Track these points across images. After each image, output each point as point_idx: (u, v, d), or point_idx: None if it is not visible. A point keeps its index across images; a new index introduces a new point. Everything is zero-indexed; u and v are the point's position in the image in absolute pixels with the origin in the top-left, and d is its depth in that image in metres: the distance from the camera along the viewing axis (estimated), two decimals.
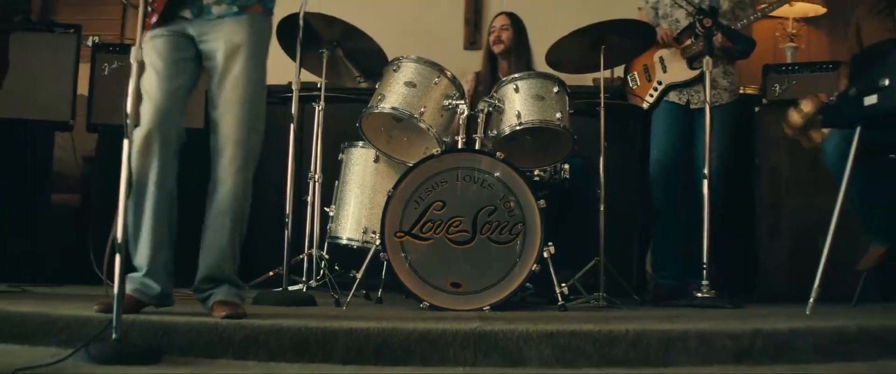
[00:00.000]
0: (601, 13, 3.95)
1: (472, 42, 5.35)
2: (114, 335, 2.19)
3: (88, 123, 4.47)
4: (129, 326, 2.30)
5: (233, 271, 2.77)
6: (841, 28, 4.96)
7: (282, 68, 3.89)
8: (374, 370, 2.18)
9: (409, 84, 3.37)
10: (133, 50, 2.33)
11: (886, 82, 2.67)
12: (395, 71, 3.44)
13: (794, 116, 3.60)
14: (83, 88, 4.56)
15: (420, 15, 5.36)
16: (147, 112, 2.70)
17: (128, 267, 2.72)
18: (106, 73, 4.43)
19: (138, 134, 2.68)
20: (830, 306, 3.25)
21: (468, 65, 4.88)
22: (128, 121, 2.30)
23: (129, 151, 2.29)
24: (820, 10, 5.13)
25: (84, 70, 4.57)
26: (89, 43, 4.69)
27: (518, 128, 3.34)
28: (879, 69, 2.72)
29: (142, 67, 2.36)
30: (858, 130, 2.96)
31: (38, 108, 4.26)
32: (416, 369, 2.20)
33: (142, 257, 2.75)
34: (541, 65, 4.03)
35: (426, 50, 4.68)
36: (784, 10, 4.68)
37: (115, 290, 2.22)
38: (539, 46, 4.06)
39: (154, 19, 2.74)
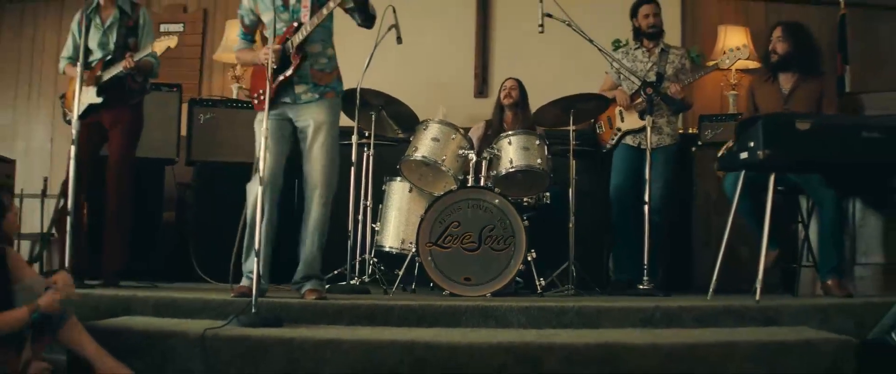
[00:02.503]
0: (577, 77, 5.32)
1: (480, 92, 6.60)
2: (253, 310, 3.51)
3: (188, 160, 5.81)
4: (259, 305, 3.60)
5: (319, 269, 4.16)
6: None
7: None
8: (418, 329, 3.52)
9: (434, 139, 4.75)
10: (263, 129, 3.68)
11: (751, 144, 3.99)
12: (424, 129, 4.82)
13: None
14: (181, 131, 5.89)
15: (438, 70, 6.55)
16: (263, 170, 4.07)
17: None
18: (201, 121, 5.74)
19: (257, 184, 4.06)
20: (733, 295, 4.55)
21: (477, 110, 6.19)
22: (259, 174, 3.66)
23: (262, 191, 3.63)
24: (756, 64, 6.39)
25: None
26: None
27: (511, 170, 4.70)
28: (749, 134, 4.04)
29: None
30: (742, 173, 4.28)
31: (152, 148, 5.49)
32: (443, 328, 3.56)
33: (252, 262, 4.10)
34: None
35: (442, 97, 6.06)
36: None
37: (255, 282, 3.53)
38: (531, 105, 5.42)
39: (266, 105, 4.12)
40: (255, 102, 4.21)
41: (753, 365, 3.12)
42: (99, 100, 4.62)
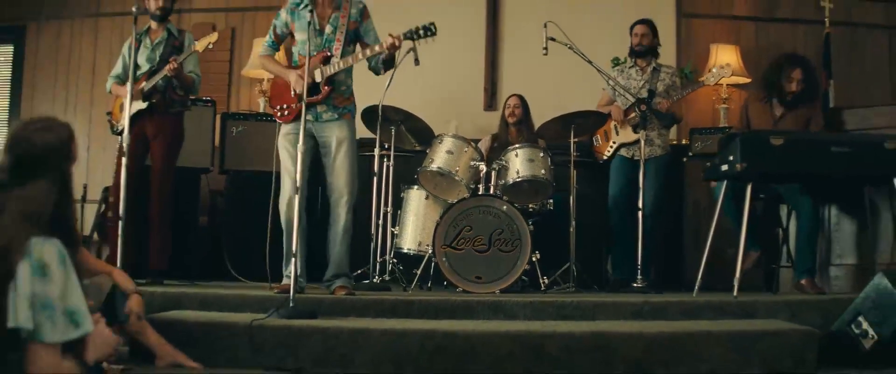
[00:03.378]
0: (578, 91, 5.82)
1: (489, 105, 7.09)
2: (291, 304, 4.00)
3: (221, 169, 6.33)
4: (296, 299, 4.09)
5: (348, 268, 4.67)
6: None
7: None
8: (436, 321, 4.00)
9: (449, 152, 5.25)
10: (300, 145, 4.18)
11: (731, 158, 4.49)
12: (439, 143, 5.31)
13: None
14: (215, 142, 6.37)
15: (451, 85, 7.03)
16: (289, 184, 4.61)
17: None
18: (233, 133, 6.26)
19: (286, 197, 4.61)
20: (716, 292, 5.03)
21: (486, 122, 6.68)
22: (297, 184, 4.16)
23: (300, 202, 4.14)
24: (746, 79, 6.89)
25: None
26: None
27: (518, 180, 5.19)
28: (729, 148, 4.54)
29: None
30: (725, 183, 4.79)
31: (189, 158, 5.88)
32: (458, 320, 4.05)
33: (290, 264, 4.62)
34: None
35: (454, 110, 6.53)
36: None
37: (293, 279, 4.02)
38: (536, 117, 5.93)
39: (289, 121, 4.64)
40: (278, 114, 4.73)
41: (727, 351, 3.58)
42: (144, 105, 5.12)
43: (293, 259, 4.06)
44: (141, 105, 5.13)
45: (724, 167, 4.56)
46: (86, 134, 7.85)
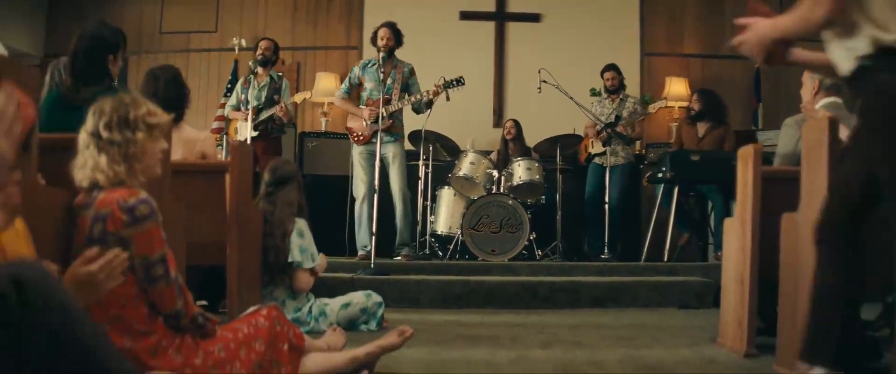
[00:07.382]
0: (564, 116, 7.98)
1: (496, 123, 9.15)
2: (371, 265, 6.16)
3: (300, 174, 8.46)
4: (377, 263, 6.25)
5: (408, 239, 6.85)
6: None
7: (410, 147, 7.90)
8: (468, 276, 6.13)
9: (472, 163, 7.41)
10: (376, 160, 6.39)
11: (664, 168, 6.65)
12: (465, 156, 7.46)
13: None
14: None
15: (468, 109, 8.71)
16: (362, 189, 6.77)
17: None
18: (309, 147, 8.43)
19: (360, 197, 6.77)
20: (657, 261, 7.18)
21: (494, 136, 8.76)
22: (364, 186, 6.35)
23: (374, 202, 6.33)
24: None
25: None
26: None
27: (520, 182, 7.33)
28: (663, 162, 6.70)
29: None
30: (662, 185, 6.95)
31: None
32: (482, 276, 6.19)
33: (364, 240, 6.82)
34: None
35: (469, 128, 8.66)
36: (673, 99, 8.69)
37: (372, 251, 6.21)
38: (531, 136, 8.12)
39: (361, 143, 6.80)
40: (354, 138, 6.91)
41: (653, 293, 5.78)
42: (256, 133, 7.24)
43: (372, 238, 6.23)
44: (254, 133, 7.20)
45: (660, 175, 6.73)
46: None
